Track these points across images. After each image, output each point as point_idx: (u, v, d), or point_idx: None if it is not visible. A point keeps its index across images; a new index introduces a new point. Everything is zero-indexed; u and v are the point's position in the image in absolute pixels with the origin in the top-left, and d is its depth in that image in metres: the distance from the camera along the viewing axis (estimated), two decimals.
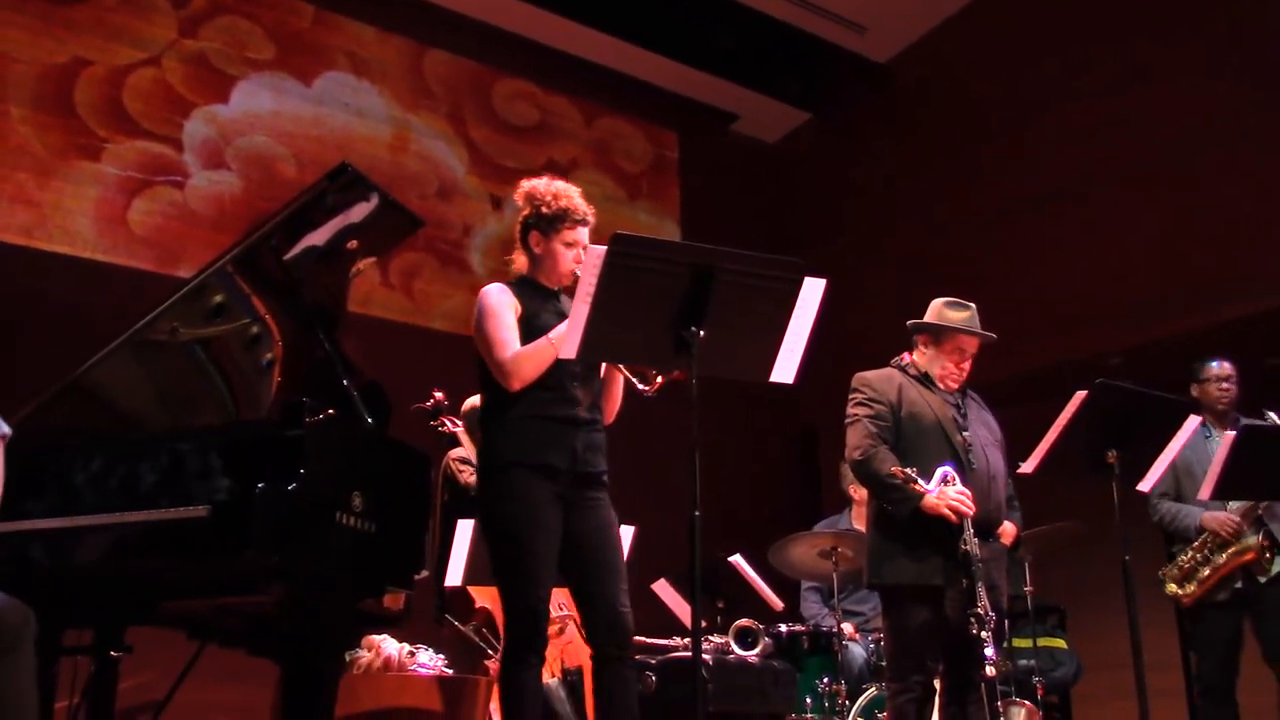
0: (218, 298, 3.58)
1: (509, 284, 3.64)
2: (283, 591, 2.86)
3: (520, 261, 3.70)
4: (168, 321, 3.53)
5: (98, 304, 5.94)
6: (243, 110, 7.43)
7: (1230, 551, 5.11)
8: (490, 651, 5.12)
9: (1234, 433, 4.55)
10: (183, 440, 3.07)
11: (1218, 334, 7.43)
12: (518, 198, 3.68)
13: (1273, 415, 4.55)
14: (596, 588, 3.48)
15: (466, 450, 5.63)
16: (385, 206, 3.56)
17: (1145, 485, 4.35)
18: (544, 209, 3.61)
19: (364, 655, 3.83)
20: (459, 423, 5.61)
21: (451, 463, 5.61)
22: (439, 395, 5.58)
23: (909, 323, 4.45)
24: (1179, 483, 5.16)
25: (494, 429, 3.52)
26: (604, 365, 3.63)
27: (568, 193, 3.65)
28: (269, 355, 3.54)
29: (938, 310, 4.38)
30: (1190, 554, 5.20)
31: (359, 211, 3.54)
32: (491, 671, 5.09)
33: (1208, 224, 7.33)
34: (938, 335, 4.35)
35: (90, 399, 3.54)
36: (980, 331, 4.34)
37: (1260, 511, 5.10)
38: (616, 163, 8.99)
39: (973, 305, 4.38)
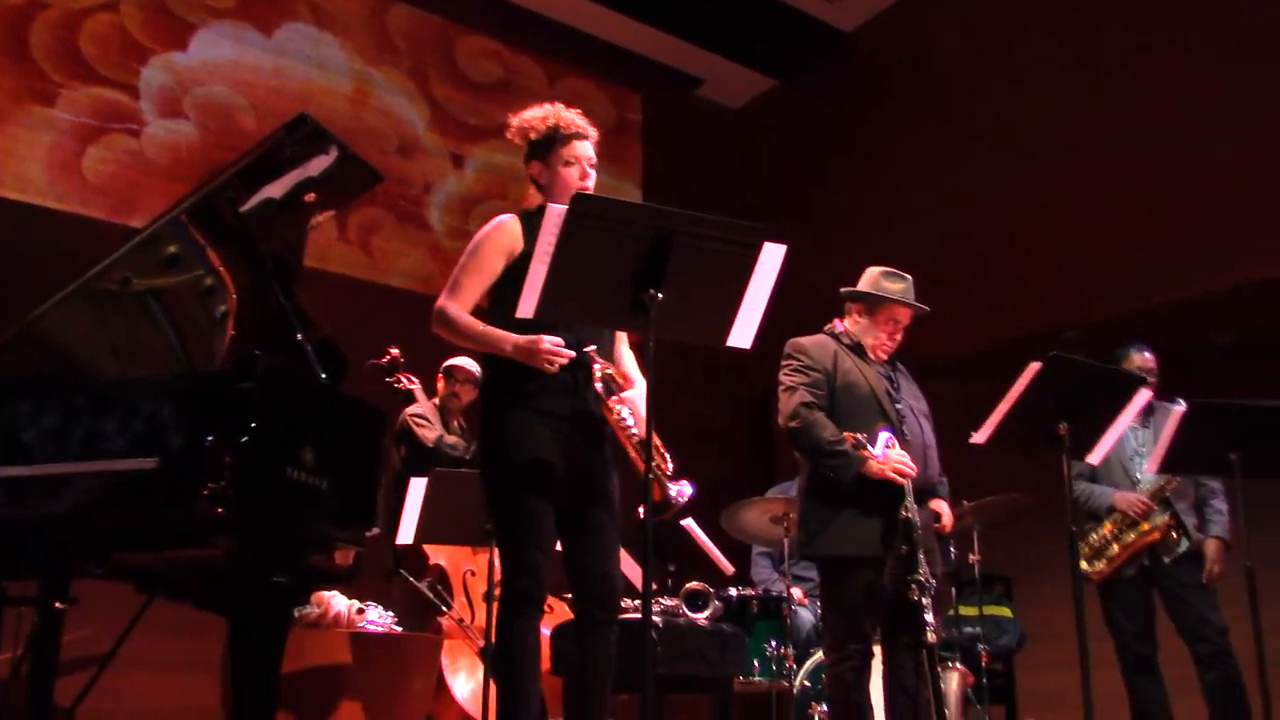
0: (171, 248, 3.52)
1: (525, 214, 3.56)
2: (231, 545, 2.84)
3: (534, 199, 3.63)
4: (120, 271, 3.47)
5: (49, 252, 5.84)
6: (201, 59, 7.33)
7: (1139, 531, 5.28)
8: (444, 608, 5.12)
9: (1181, 409, 4.62)
10: (133, 391, 3.03)
11: (1170, 311, 7.53)
12: (511, 136, 3.64)
13: (1181, 401, 4.63)
14: (588, 547, 3.47)
15: (423, 407, 5.61)
16: (344, 160, 3.52)
17: (1094, 458, 4.41)
18: (533, 134, 3.58)
19: (313, 611, 3.81)
20: (415, 380, 5.59)
21: (409, 419, 5.60)
22: (394, 352, 5.56)
23: (843, 290, 4.44)
24: (1093, 465, 5.25)
25: (496, 371, 3.50)
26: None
27: (554, 111, 3.60)
28: (223, 307, 3.49)
29: (874, 280, 4.37)
30: (1101, 532, 5.36)
31: (318, 164, 3.49)
32: (445, 628, 5.10)
33: (1165, 201, 7.40)
34: (872, 305, 4.35)
35: (39, 347, 3.48)
36: (915, 303, 4.35)
37: (1168, 493, 5.26)
38: None
39: (909, 277, 4.39)
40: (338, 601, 3.89)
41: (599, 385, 3.41)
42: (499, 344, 3.39)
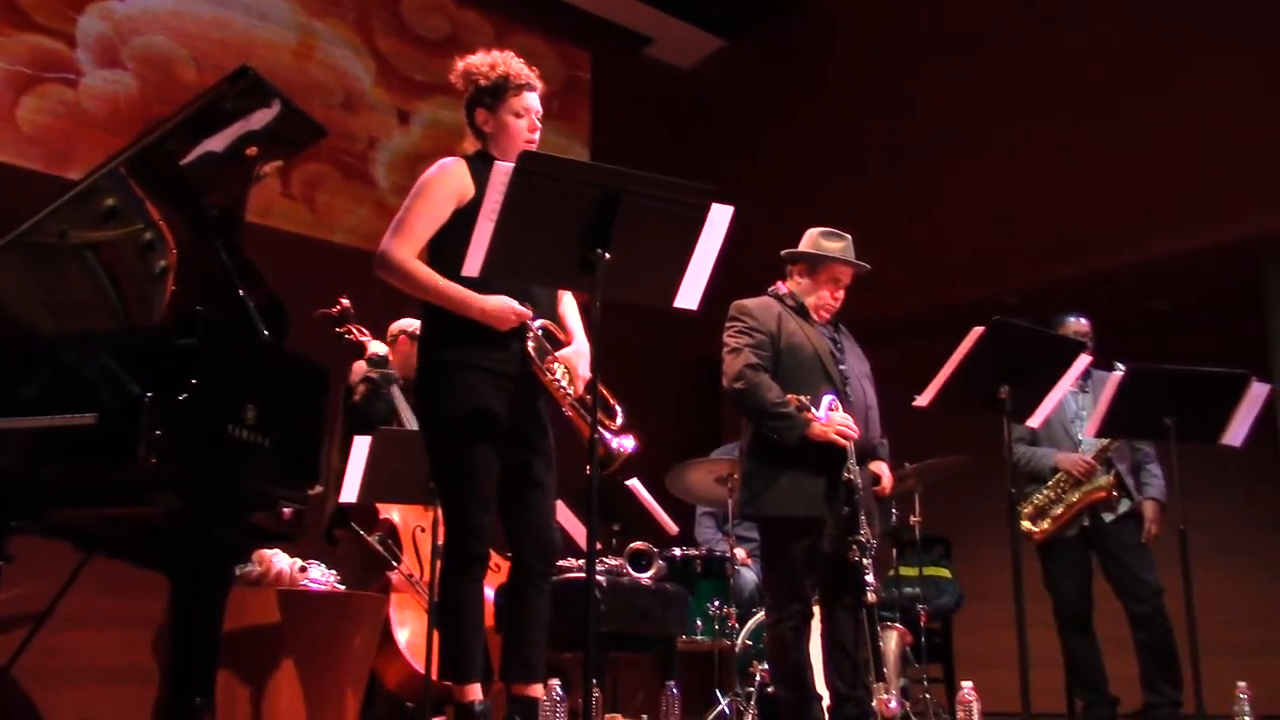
0: (109, 201, 3.46)
1: (470, 158, 3.51)
2: (171, 503, 2.81)
3: (470, 146, 3.58)
4: (56, 224, 3.41)
5: None
6: (140, 8, 7.16)
7: (1083, 490, 5.38)
8: (393, 563, 5.12)
9: (1120, 374, 4.70)
10: (71, 346, 2.98)
11: (1109, 278, 7.64)
12: (455, 80, 3.56)
13: (1120, 365, 4.71)
14: (529, 503, 3.48)
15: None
16: (287, 114, 3.46)
17: (1035, 421, 4.47)
18: (482, 81, 3.51)
19: (254, 569, 3.79)
20: (365, 332, 5.45)
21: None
22: (345, 302, 5.40)
23: (783, 252, 4.46)
24: (1034, 429, 5.33)
25: (437, 326, 3.44)
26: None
27: (504, 59, 3.52)
28: (163, 262, 3.43)
29: (813, 240, 4.40)
30: (1045, 493, 5.47)
31: (260, 118, 3.43)
32: (394, 582, 5.09)
33: (1107, 169, 7.49)
34: (814, 265, 4.37)
35: None
36: (856, 261, 4.38)
37: (1110, 453, 5.35)
38: None
39: (848, 236, 4.41)
40: (280, 560, 3.86)
41: (531, 346, 3.40)
42: (464, 305, 3.32)
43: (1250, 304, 7.36)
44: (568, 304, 3.68)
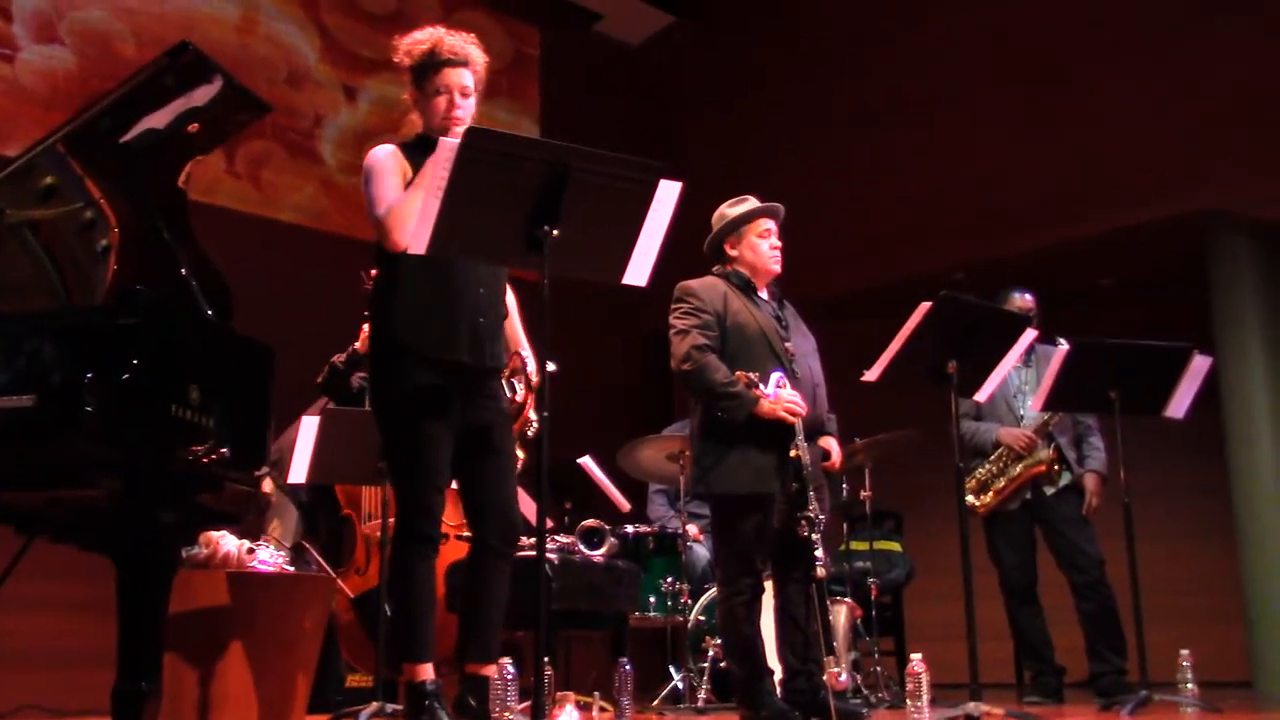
0: (48, 179, 3.39)
1: (402, 144, 3.51)
2: (114, 484, 2.77)
3: (414, 125, 3.59)
4: None
5: None
6: None
7: (1024, 464, 5.46)
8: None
9: (1064, 348, 4.75)
10: (9, 326, 2.92)
11: (1054, 254, 7.71)
12: (398, 60, 3.55)
13: (1062, 341, 4.78)
14: (489, 475, 3.48)
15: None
16: (229, 90, 3.41)
17: (981, 395, 4.52)
18: (408, 60, 3.50)
19: (201, 551, 3.74)
20: None
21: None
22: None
23: (705, 246, 4.47)
24: (978, 404, 5.40)
25: (388, 310, 3.43)
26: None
27: (433, 35, 3.49)
28: (104, 241, 3.37)
29: (722, 214, 4.45)
30: (987, 467, 5.54)
31: (201, 94, 3.37)
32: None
33: (1051, 145, 7.55)
34: (737, 230, 4.39)
35: None
36: (769, 204, 4.41)
37: (1051, 428, 5.43)
38: None
39: (748, 196, 4.43)
40: (227, 541, 3.81)
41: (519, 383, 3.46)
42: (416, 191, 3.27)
43: (1193, 278, 7.46)
44: (511, 306, 3.69)
